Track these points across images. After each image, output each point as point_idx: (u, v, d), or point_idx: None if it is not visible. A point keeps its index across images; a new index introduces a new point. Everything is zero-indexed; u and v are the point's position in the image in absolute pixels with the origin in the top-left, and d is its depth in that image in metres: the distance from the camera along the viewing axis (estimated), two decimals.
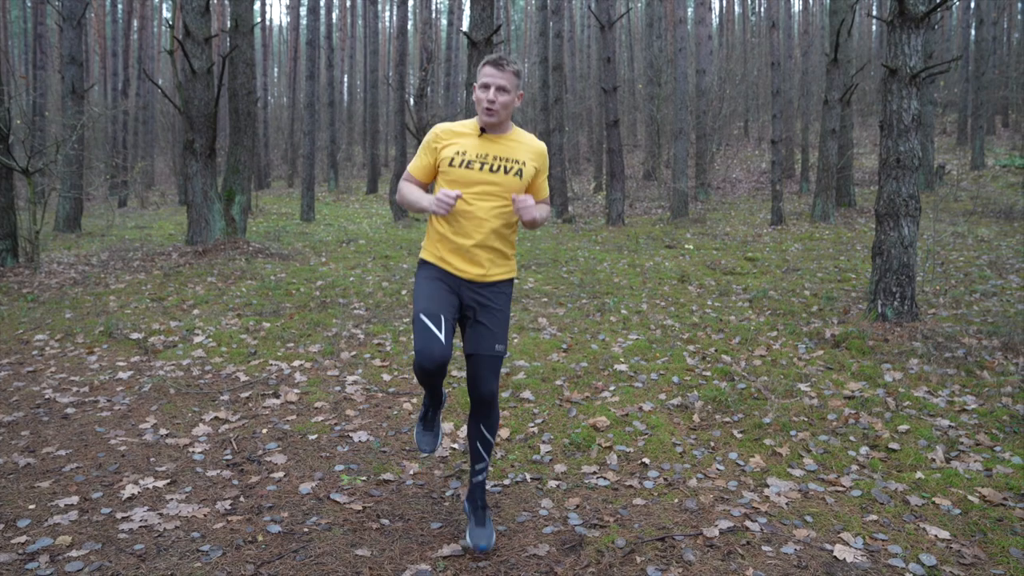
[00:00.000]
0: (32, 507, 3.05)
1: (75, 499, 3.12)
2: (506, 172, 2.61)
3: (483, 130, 2.65)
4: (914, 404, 4.17)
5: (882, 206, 5.82)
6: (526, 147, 2.68)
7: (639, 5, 40.73)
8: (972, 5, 25.34)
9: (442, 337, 2.50)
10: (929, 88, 17.42)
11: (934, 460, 3.47)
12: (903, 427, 3.83)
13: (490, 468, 2.99)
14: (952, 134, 26.44)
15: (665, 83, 22.10)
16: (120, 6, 30.70)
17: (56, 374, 4.98)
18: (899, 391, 4.37)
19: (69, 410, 4.26)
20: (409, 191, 2.71)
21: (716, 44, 37.30)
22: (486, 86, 2.58)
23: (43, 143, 14.09)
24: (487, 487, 3.21)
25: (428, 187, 2.79)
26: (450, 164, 2.61)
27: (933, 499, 3.10)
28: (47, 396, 4.50)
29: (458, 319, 2.69)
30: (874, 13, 33.28)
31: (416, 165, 2.73)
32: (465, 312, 2.68)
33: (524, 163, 2.64)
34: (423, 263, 2.72)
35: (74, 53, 14.21)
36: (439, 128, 2.69)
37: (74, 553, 2.69)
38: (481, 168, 2.60)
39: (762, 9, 39.76)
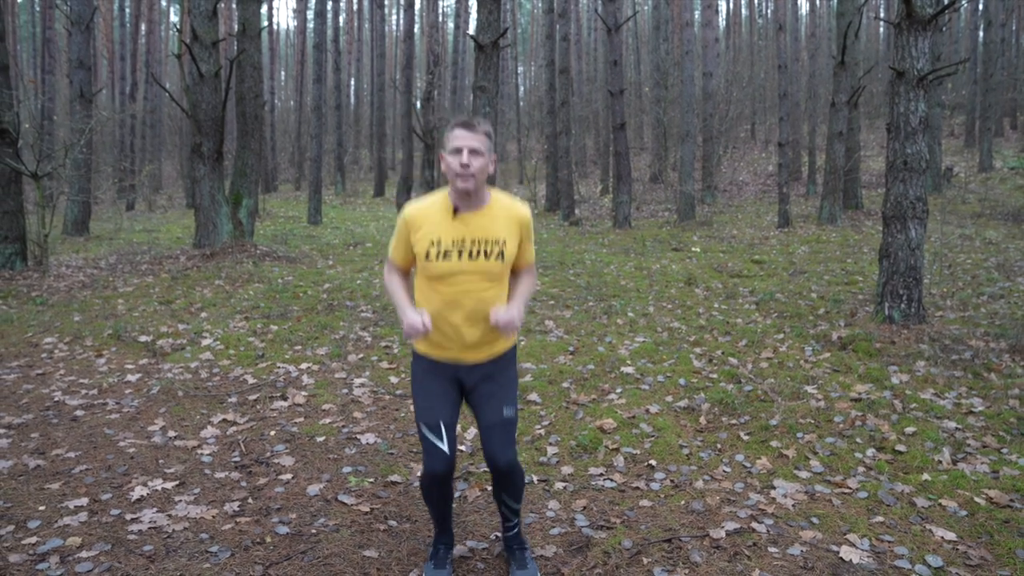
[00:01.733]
0: (42, 508, 3.08)
1: (85, 500, 3.15)
2: (487, 257, 2.37)
3: (456, 210, 2.38)
4: (921, 406, 4.16)
5: (889, 208, 5.81)
6: (505, 218, 2.41)
7: (646, 8, 40.74)
8: (980, 7, 25.26)
9: (445, 447, 2.40)
10: (937, 90, 17.37)
11: (941, 462, 3.46)
12: (910, 429, 3.82)
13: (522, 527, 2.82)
14: (960, 136, 26.33)
15: (672, 86, 22.09)
16: (128, 10, 30.86)
17: (65, 377, 5.01)
18: (906, 393, 4.36)
19: (78, 412, 4.30)
20: (392, 290, 2.53)
21: (723, 47, 37.25)
22: (458, 150, 2.29)
23: (52, 147, 14.20)
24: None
25: (410, 269, 2.58)
26: (426, 258, 2.38)
27: (940, 501, 3.10)
28: (56, 399, 4.54)
29: (462, 399, 2.55)
30: (881, 15, 33.21)
31: (395, 250, 2.54)
32: (467, 390, 2.51)
33: (505, 241, 2.39)
34: (415, 355, 2.55)
35: (82, 57, 14.31)
36: (408, 212, 2.44)
37: (84, 554, 2.72)
38: (460, 256, 2.36)
39: (769, 12, 39.75)
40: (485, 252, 2.37)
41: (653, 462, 3.56)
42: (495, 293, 2.42)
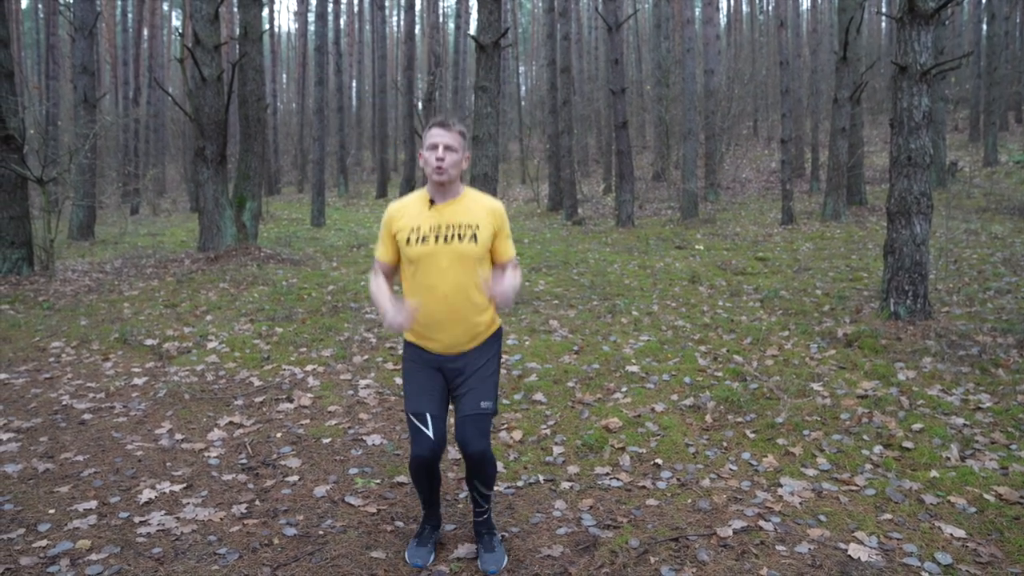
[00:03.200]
0: (52, 512, 3.09)
1: (94, 504, 3.16)
2: (460, 239, 2.56)
3: (432, 201, 2.61)
4: (928, 403, 4.15)
5: (893, 204, 5.79)
6: (479, 208, 2.63)
7: (646, 6, 40.70)
8: (983, 0, 25.18)
9: (431, 433, 2.56)
10: (940, 85, 17.31)
11: (949, 459, 3.45)
12: (917, 426, 3.81)
13: (492, 514, 2.93)
14: (964, 131, 26.24)
15: (673, 84, 22.06)
16: (130, 15, 30.93)
17: (73, 381, 5.03)
18: (913, 390, 4.35)
19: (86, 416, 4.31)
20: (375, 290, 2.69)
21: (724, 44, 37.18)
22: (434, 146, 2.55)
23: (56, 153, 14.24)
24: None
25: (396, 267, 2.75)
26: (407, 243, 2.59)
27: (948, 498, 3.09)
28: (64, 402, 4.55)
29: (448, 393, 2.69)
30: (883, 10, 33.10)
31: (380, 248, 2.73)
32: (451, 383, 2.66)
33: (478, 226, 2.59)
34: (406, 343, 2.73)
35: (86, 63, 14.35)
36: (391, 208, 2.68)
37: (94, 557, 2.73)
38: (436, 240, 2.56)
39: (770, 8, 39.66)
40: (459, 235, 2.57)
41: (659, 461, 3.56)
42: (471, 280, 2.59)
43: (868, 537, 2.79)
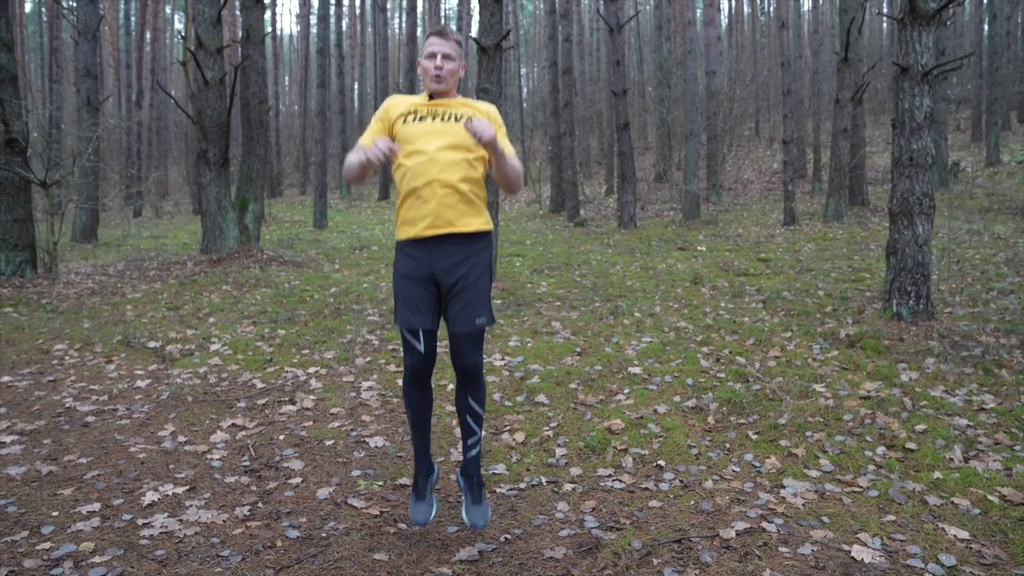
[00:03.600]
0: (55, 514, 3.10)
1: (97, 506, 3.17)
2: (457, 120, 2.62)
3: (432, 96, 2.71)
4: (931, 403, 4.14)
5: (896, 205, 5.79)
6: (475, 107, 2.72)
7: (648, 7, 40.71)
8: (985, 0, 25.14)
9: (422, 348, 2.64)
10: (942, 85, 17.29)
11: (952, 460, 3.44)
12: (920, 427, 3.81)
13: (482, 445, 2.93)
14: (966, 131, 26.20)
15: (675, 85, 22.06)
16: (133, 19, 31.03)
17: (76, 383, 5.04)
18: (916, 390, 4.34)
19: (89, 418, 4.32)
20: (351, 155, 2.67)
21: (725, 45, 37.18)
22: (432, 55, 2.65)
23: (60, 155, 14.27)
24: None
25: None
26: (403, 123, 2.64)
27: (952, 499, 3.08)
28: (67, 405, 4.56)
29: (439, 303, 2.69)
30: (884, 11, 33.06)
31: (366, 136, 2.71)
32: (443, 294, 2.66)
33: (472, 116, 2.63)
34: (397, 249, 2.70)
35: (89, 66, 14.39)
36: (392, 97, 2.75)
37: (97, 559, 2.73)
38: (433, 119, 2.63)
39: (771, 9, 39.63)
40: (456, 117, 2.64)
41: (662, 462, 3.55)
42: (465, 167, 2.60)
43: (871, 539, 2.79)
